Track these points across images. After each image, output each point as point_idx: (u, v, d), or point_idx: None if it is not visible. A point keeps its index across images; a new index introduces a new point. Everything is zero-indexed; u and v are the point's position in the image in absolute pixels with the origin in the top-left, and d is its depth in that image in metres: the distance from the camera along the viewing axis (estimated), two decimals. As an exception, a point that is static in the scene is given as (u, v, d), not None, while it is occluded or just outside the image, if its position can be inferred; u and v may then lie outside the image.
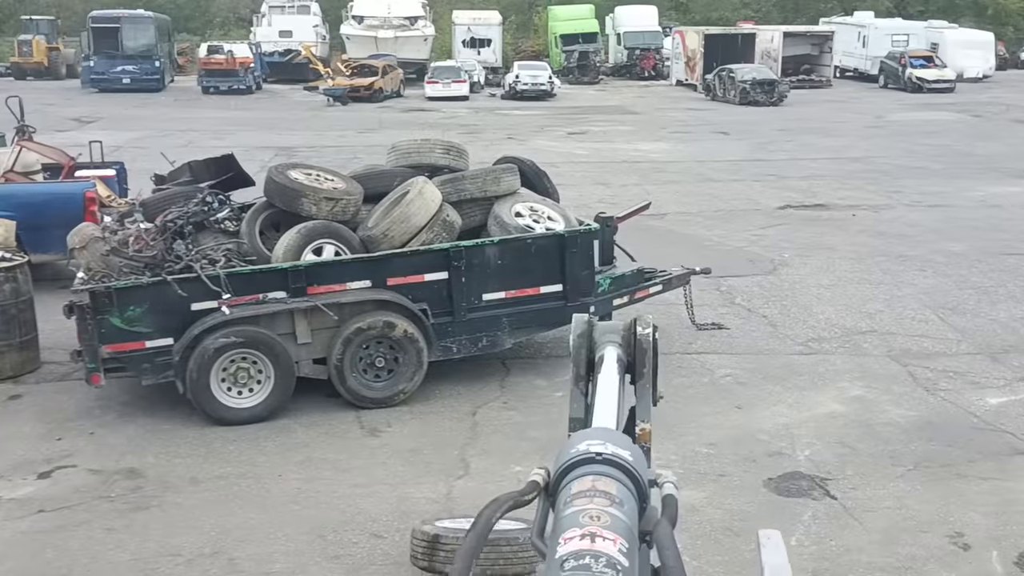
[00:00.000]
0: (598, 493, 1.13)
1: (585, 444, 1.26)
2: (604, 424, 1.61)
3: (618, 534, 1.05)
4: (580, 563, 1.00)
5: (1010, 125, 27.29)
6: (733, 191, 17.08)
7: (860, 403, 7.27)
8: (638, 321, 1.91)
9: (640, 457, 1.30)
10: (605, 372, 1.79)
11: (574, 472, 1.22)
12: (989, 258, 11.73)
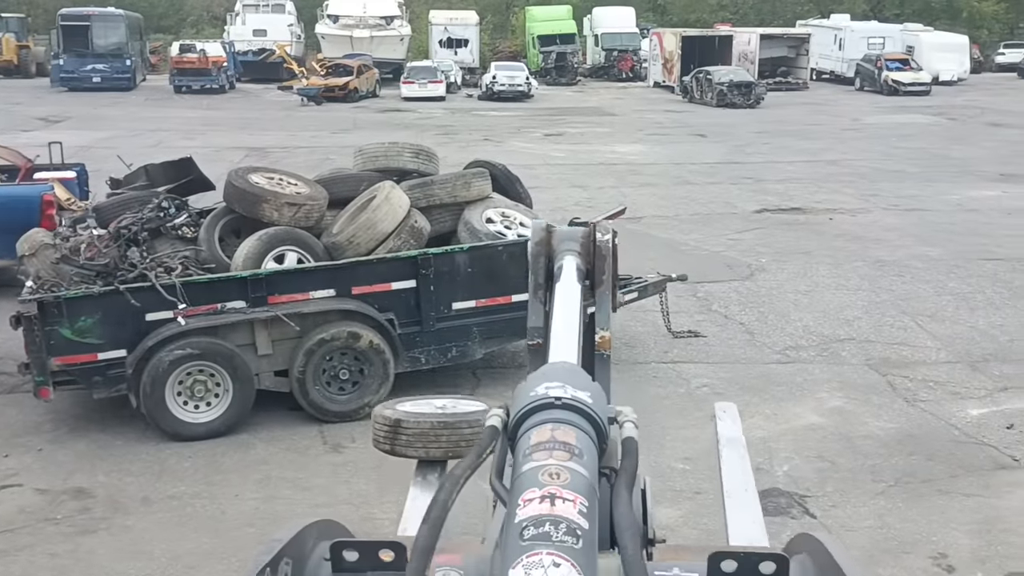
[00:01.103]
0: (557, 445, 1.10)
1: (544, 387, 1.22)
2: (563, 343, 1.55)
3: (578, 493, 1.03)
4: (540, 531, 0.97)
5: (985, 128, 27.34)
6: (710, 194, 16.92)
7: (839, 415, 7.09)
8: (597, 228, 1.87)
9: (600, 395, 1.26)
10: (564, 282, 1.75)
11: (533, 419, 1.18)
12: (967, 263, 11.61)
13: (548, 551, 0.95)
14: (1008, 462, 6.29)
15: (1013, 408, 7.18)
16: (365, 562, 1.27)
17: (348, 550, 1.27)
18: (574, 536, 0.97)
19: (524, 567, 0.95)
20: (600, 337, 1.76)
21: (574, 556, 0.95)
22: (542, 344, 1.70)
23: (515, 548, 0.97)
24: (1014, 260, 11.74)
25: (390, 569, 1.25)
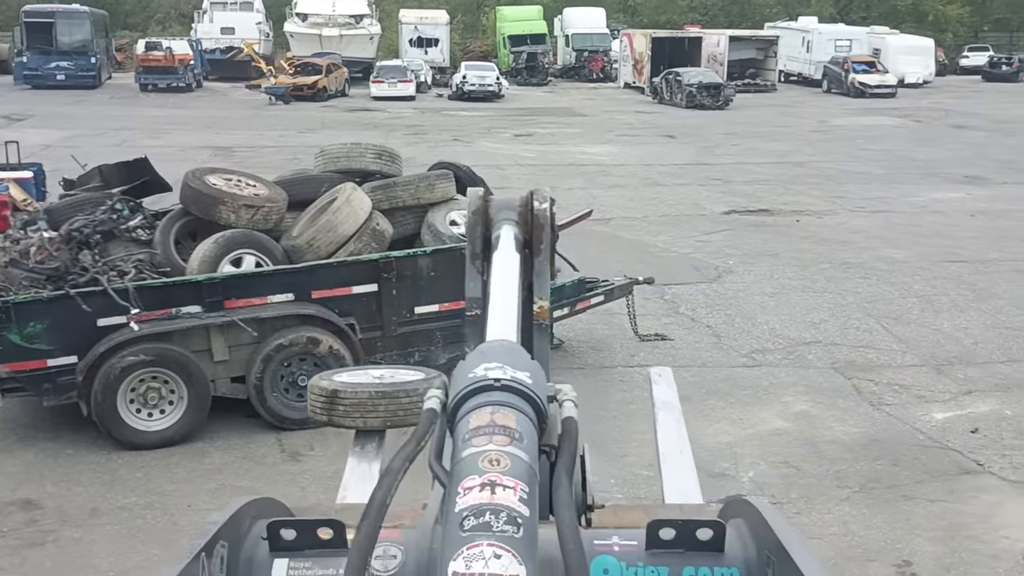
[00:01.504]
0: (497, 429, 1.09)
1: (482, 368, 1.21)
2: (501, 315, 1.55)
3: (518, 479, 1.02)
4: (480, 521, 0.97)
5: (949, 130, 27.62)
6: (679, 195, 16.92)
7: (805, 419, 7.05)
8: (535, 195, 1.86)
9: (539, 374, 1.25)
10: (501, 251, 1.75)
11: (472, 401, 1.17)
12: (932, 265, 11.66)
13: (489, 542, 0.94)
14: (972, 466, 6.27)
15: (977, 412, 7.18)
16: (303, 540, 1.24)
17: (285, 529, 1.24)
18: (515, 525, 0.96)
19: (465, 559, 0.93)
20: (538, 307, 1.75)
21: (515, 546, 0.94)
22: (480, 315, 1.68)
23: (455, 539, 0.96)
24: (977, 262, 11.81)
25: (329, 547, 1.23)
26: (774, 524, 1.18)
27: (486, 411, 1.12)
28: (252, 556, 1.25)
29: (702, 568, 1.20)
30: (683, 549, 1.22)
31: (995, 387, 7.72)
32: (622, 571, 1.21)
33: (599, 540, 1.25)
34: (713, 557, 1.21)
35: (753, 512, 1.26)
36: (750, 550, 1.22)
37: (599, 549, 1.23)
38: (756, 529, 1.23)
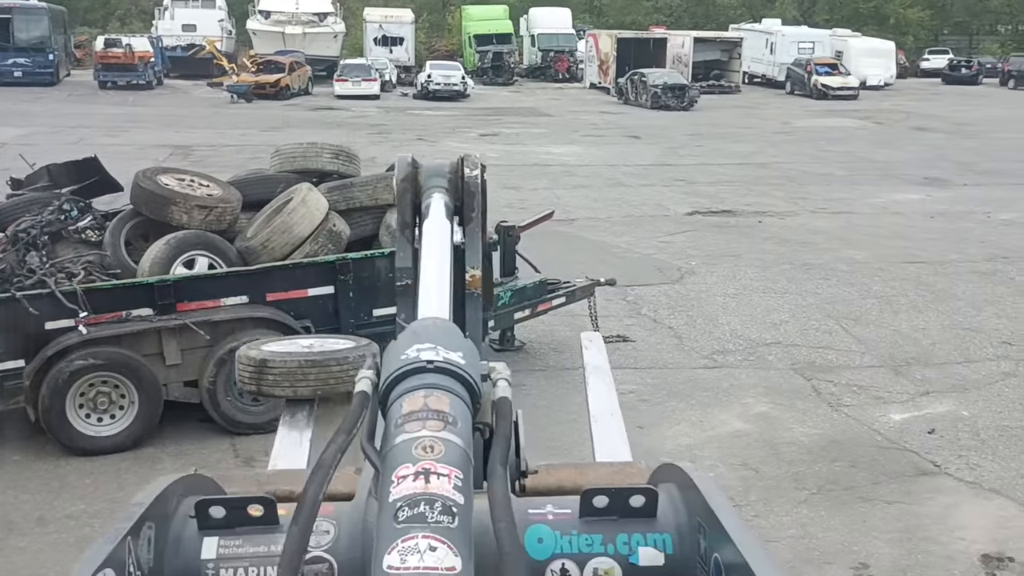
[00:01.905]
0: (431, 414, 1.08)
1: (415, 349, 1.19)
2: (433, 286, 1.53)
3: (453, 466, 1.01)
4: (415, 512, 0.95)
5: (910, 132, 27.97)
6: (643, 196, 16.94)
7: (764, 421, 7.05)
8: (465, 162, 1.82)
9: (472, 353, 1.24)
10: (432, 220, 1.72)
11: (404, 384, 1.15)
12: (891, 266, 11.75)
13: (424, 534, 0.93)
14: (929, 467, 6.30)
15: (935, 412, 7.22)
16: (233, 518, 1.22)
17: (214, 507, 1.21)
18: (450, 515, 0.95)
19: (400, 552, 0.91)
20: (470, 276, 1.74)
21: (450, 536, 0.93)
22: (412, 285, 1.67)
23: (390, 531, 0.94)
24: (936, 263, 11.93)
25: (260, 523, 1.21)
26: (704, 490, 1.20)
27: (419, 395, 1.10)
28: (180, 535, 1.22)
29: (635, 534, 1.22)
30: (616, 516, 1.23)
31: (952, 388, 7.78)
32: (556, 539, 1.22)
33: (533, 509, 1.25)
34: (646, 523, 1.23)
35: (684, 478, 1.28)
36: (681, 515, 1.24)
37: (533, 518, 1.24)
38: (687, 495, 1.25)
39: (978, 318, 9.65)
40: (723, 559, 1.12)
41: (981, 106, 36.51)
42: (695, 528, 1.21)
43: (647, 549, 1.22)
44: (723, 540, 1.12)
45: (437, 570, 0.89)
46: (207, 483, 1.38)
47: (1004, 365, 8.28)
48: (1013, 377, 7.97)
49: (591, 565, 1.21)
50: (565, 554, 1.21)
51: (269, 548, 1.19)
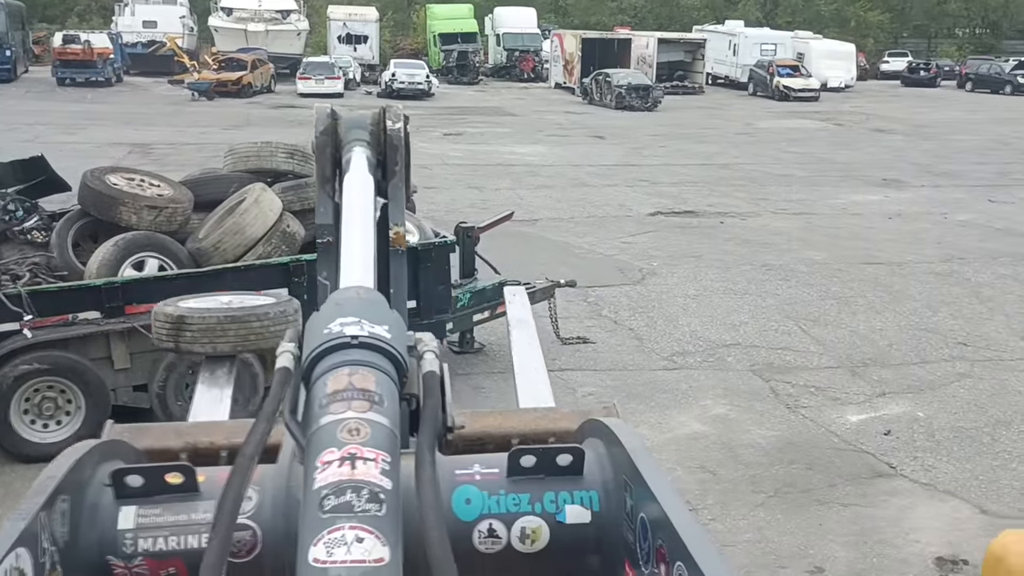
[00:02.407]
0: (356, 393, 1.04)
1: (338, 323, 1.14)
2: (356, 245, 1.48)
3: (380, 449, 0.98)
4: (341, 500, 0.92)
5: (869, 134, 28.29)
6: (606, 196, 16.95)
7: (723, 423, 7.04)
8: (388, 114, 1.76)
9: (398, 325, 1.20)
10: (353, 175, 1.66)
11: (327, 360, 1.10)
12: (850, 267, 11.84)
13: (351, 524, 0.89)
14: (885, 469, 6.33)
15: (891, 414, 7.26)
16: (152, 486, 1.17)
17: (131, 476, 1.17)
18: (377, 502, 0.92)
19: (326, 544, 0.88)
20: (394, 232, 1.69)
21: (378, 525, 0.91)
22: (333, 242, 1.62)
23: (315, 521, 0.91)
24: (894, 264, 12.04)
25: (180, 491, 1.17)
26: (630, 447, 1.21)
27: (343, 372, 1.06)
28: (96, 505, 1.17)
29: (562, 493, 1.23)
30: (543, 475, 1.24)
31: (908, 389, 7.83)
32: (484, 500, 1.22)
33: (460, 470, 1.24)
34: (572, 481, 1.24)
35: (610, 435, 1.28)
36: (607, 473, 1.25)
37: (461, 479, 1.23)
38: (614, 452, 1.25)
39: (934, 319, 9.75)
40: (648, 517, 1.12)
41: (939, 108, 37.06)
42: (621, 486, 1.21)
43: (574, 507, 1.22)
44: (648, 498, 1.12)
45: (364, 563, 0.87)
46: (123, 448, 1.33)
47: (959, 366, 8.36)
48: (968, 378, 8.04)
49: (518, 524, 1.22)
50: (493, 514, 1.22)
51: (190, 516, 1.16)
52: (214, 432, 1.51)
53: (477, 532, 1.21)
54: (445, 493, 1.18)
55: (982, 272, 11.68)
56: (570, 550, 1.24)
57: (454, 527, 1.18)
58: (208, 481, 1.19)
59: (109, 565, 1.15)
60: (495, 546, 1.22)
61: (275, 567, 1.14)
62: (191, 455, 1.47)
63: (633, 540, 1.18)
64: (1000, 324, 9.58)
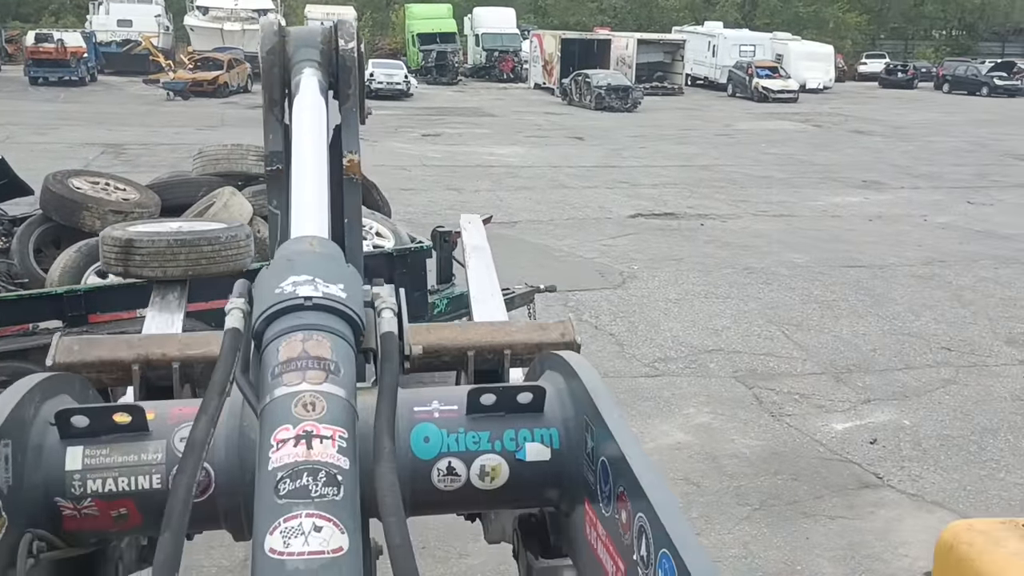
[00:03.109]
0: (311, 362, 0.99)
1: (291, 282, 1.09)
2: (307, 176, 1.41)
3: (336, 425, 0.93)
4: (297, 484, 0.87)
5: (848, 135, 28.33)
6: (586, 198, 16.80)
7: (706, 432, 6.89)
8: (339, 32, 1.68)
9: (353, 281, 1.15)
10: (304, 98, 1.58)
11: (280, 323, 1.06)
12: (831, 270, 11.75)
13: (308, 512, 0.87)
14: (872, 480, 6.20)
15: (876, 422, 7.14)
16: (99, 426, 1.14)
17: (77, 416, 1.13)
18: (335, 485, 0.90)
19: (283, 534, 0.85)
20: (348, 160, 1.64)
21: (336, 511, 0.88)
22: (284, 169, 1.57)
23: (271, 506, 0.87)
24: (875, 267, 11.96)
25: (128, 431, 1.15)
26: (592, 388, 1.19)
27: (296, 338, 1.03)
28: (41, 446, 1.13)
29: (522, 430, 1.22)
30: (503, 412, 1.22)
31: (893, 395, 7.72)
32: (443, 438, 1.21)
33: (419, 407, 1.22)
34: (533, 419, 1.23)
35: (569, 371, 1.26)
36: (568, 410, 1.23)
37: (419, 416, 1.22)
38: (574, 389, 1.24)
39: (917, 323, 9.66)
40: (610, 461, 1.10)
41: (917, 110, 37.23)
42: (582, 425, 1.20)
43: (534, 445, 1.21)
44: (609, 442, 1.10)
45: (323, 554, 0.83)
46: (68, 382, 1.27)
47: (944, 372, 8.26)
48: (953, 384, 7.94)
49: (478, 462, 1.21)
50: (452, 452, 1.20)
51: (140, 457, 1.13)
52: (167, 344, 1.51)
53: (436, 470, 1.20)
54: (404, 431, 1.18)
55: (963, 275, 11.62)
56: (530, 487, 1.23)
57: (412, 465, 1.19)
58: (158, 419, 1.16)
59: (58, 507, 1.12)
60: (454, 483, 1.20)
61: (229, 506, 1.13)
62: (143, 365, 1.49)
63: (594, 481, 1.16)
64: (983, 328, 9.50)
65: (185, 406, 1.19)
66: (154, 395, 1.56)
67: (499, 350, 1.63)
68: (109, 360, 1.45)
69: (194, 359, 1.53)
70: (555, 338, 1.73)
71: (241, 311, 1.12)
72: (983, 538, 2.32)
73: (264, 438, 0.94)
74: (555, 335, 1.73)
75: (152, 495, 1.12)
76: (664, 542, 0.94)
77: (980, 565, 2.22)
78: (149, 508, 1.13)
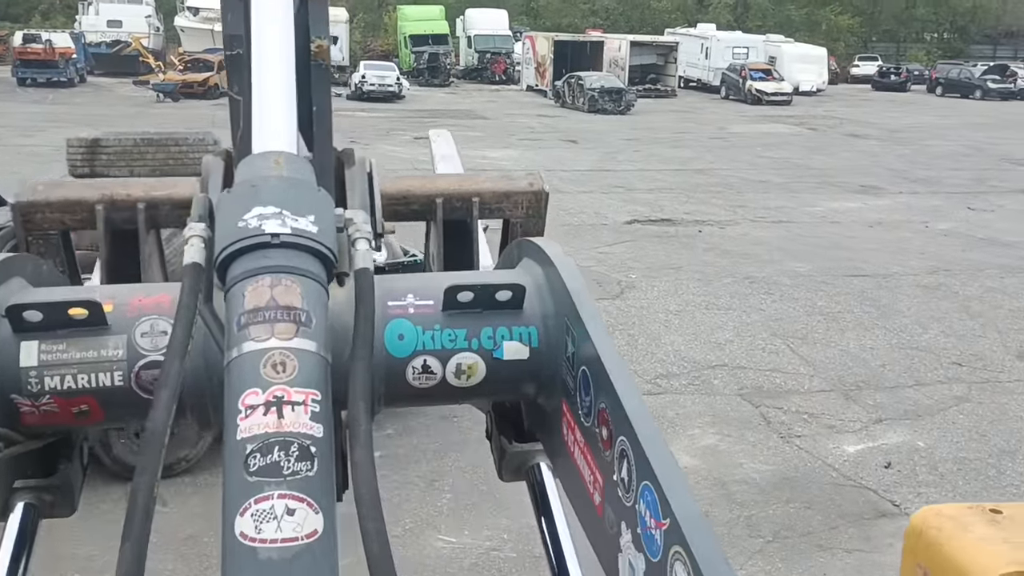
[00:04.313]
0: (280, 313, 0.93)
1: (256, 215, 1.00)
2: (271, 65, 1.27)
3: (309, 387, 0.89)
4: (268, 460, 0.83)
5: (844, 139, 28.12)
6: (581, 203, 16.51)
7: (713, 455, 6.59)
8: None
9: (325, 205, 1.06)
10: None
11: (244, 262, 0.97)
12: (834, 279, 11.48)
13: (280, 492, 0.82)
14: (888, 508, 5.90)
15: (889, 443, 6.85)
16: (54, 320, 1.10)
17: (30, 311, 1.09)
18: (308, 459, 0.84)
19: (253, 517, 0.80)
20: (316, 46, 1.51)
21: (309, 489, 0.83)
22: (244, 53, 1.44)
23: (241, 483, 0.82)
24: (879, 276, 11.69)
25: (85, 325, 1.10)
26: (572, 288, 1.17)
27: (264, 283, 0.97)
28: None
29: (500, 328, 1.19)
30: (481, 309, 1.19)
31: (905, 414, 7.44)
32: (418, 335, 1.17)
33: (393, 301, 1.19)
34: (511, 316, 1.20)
35: (546, 260, 1.24)
36: (548, 307, 1.21)
37: (393, 312, 1.18)
38: (554, 285, 1.21)
39: (925, 336, 9.38)
40: (592, 375, 1.08)
41: (911, 113, 37.09)
42: (562, 327, 1.18)
43: (512, 343, 1.19)
44: (590, 350, 1.08)
45: (297, 541, 0.80)
46: (24, 264, 1.20)
47: (956, 388, 7.98)
48: (966, 402, 7.66)
49: (454, 360, 1.18)
50: (427, 351, 1.17)
51: (99, 353, 1.10)
52: (131, 186, 1.47)
53: (411, 368, 1.17)
54: (378, 328, 1.13)
55: (969, 285, 11.36)
56: (507, 385, 1.21)
57: (387, 363, 1.16)
58: (117, 311, 1.11)
59: (14, 404, 1.10)
60: (429, 381, 1.18)
61: (194, 404, 1.10)
62: (107, 206, 1.47)
63: (573, 387, 1.14)
64: (993, 342, 9.23)
65: (145, 295, 1.15)
66: (118, 241, 1.57)
67: (467, 198, 1.63)
68: (74, 200, 1.41)
69: (159, 200, 1.51)
70: (523, 187, 1.79)
71: (202, 240, 1.04)
72: (952, 523, 2.27)
73: (231, 399, 0.89)
74: (523, 184, 1.81)
75: (114, 392, 1.08)
76: (647, 474, 0.92)
77: (949, 550, 2.18)
78: (112, 403, 1.10)
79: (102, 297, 1.11)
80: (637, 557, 0.96)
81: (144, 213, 1.45)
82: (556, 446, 1.22)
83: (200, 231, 1.04)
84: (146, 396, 1.05)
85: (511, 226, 2.02)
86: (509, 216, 1.94)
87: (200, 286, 1.00)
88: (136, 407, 1.07)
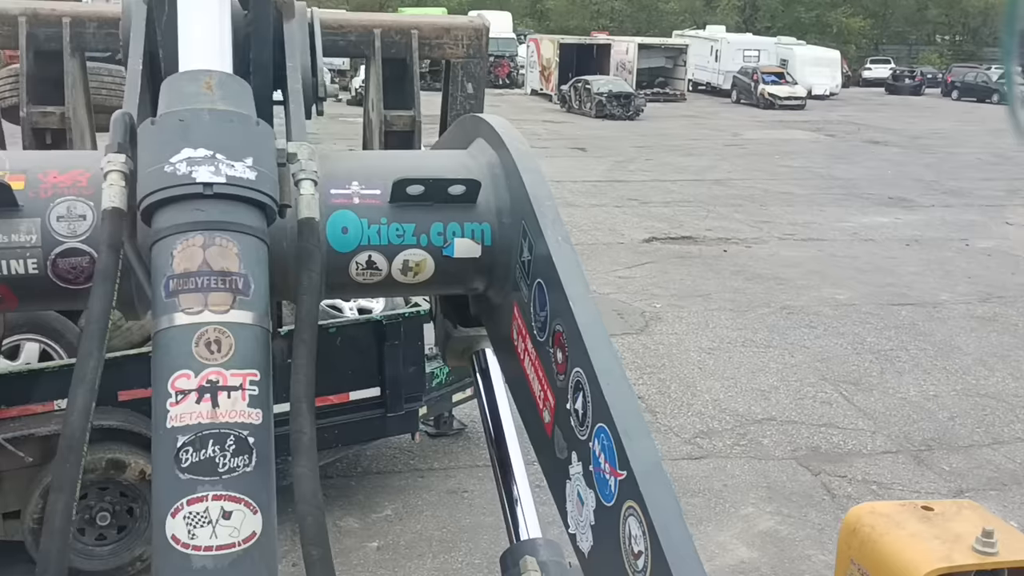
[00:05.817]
0: (213, 279, 0.84)
1: (184, 158, 0.89)
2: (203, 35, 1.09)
3: (246, 368, 0.82)
4: (202, 457, 0.77)
5: (864, 146, 27.06)
6: (594, 218, 15.48)
7: (774, 544, 5.54)
8: None
9: (263, 144, 0.95)
10: None
11: (172, 212, 0.87)
12: (880, 309, 10.43)
13: (215, 493, 0.77)
14: (996, 621, 4.85)
15: (980, 527, 5.79)
16: None
17: None
18: (245, 453, 0.80)
19: (187, 520, 0.76)
20: None
21: (247, 488, 0.79)
22: None
23: (172, 480, 0.77)
24: (928, 305, 10.64)
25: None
26: (529, 181, 1.09)
27: (195, 243, 0.87)
28: None
29: (452, 224, 1.14)
30: (431, 203, 1.13)
31: (988, 483, 6.39)
32: (363, 229, 1.11)
33: (336, 189, 1.11)
34: (463, 211, 1.14)
35: (499, 143, 1.16)
36: (503, 201, 1.14)
37: (337, 202, 1.11)
38: (512, 180, 1.14)
39: (992, 380, 8.33)
40: (547, 287, 1.02)
41: (929, 118, 36.04)
42: (519, 229, 1.11)
43: (463, 240, 1.14)
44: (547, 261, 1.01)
45: (233, 547, 0.76)
46: None
47: (1042, 449, 6.94)
48: (1059, 468, 6.62)
49: (401, 257, 1.13)
50: (372, 246, 1.12)
51: (10, 239, 1.03)
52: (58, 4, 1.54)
53: (355, 263, 1.12)
54: (320, 219, 1.04)
55: (1029, 315, 10.31)
56: (455, 282, 1.17)
57: (328, 259, 1.09)
58: (29, 191, 1.04)
59: None
60: (374, 277, 1.14)
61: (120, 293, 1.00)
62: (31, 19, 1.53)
63: (527, 297, 1.09)
64: (1072, 387, 8.19)
65: (59, 172, 1.06)
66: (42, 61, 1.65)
67: (406, 30, 1.74)
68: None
69: (85, 16, 1.55)
70: (463, 22, 1.93)
71: (123, 176, 0.92)
72: (884, 520, 2.40)
73: (160, 378, 0.82)
74: (463, 19, 1.95)
75: (29, 279, 1.02)
76: (603, 416, 0.87)
77: (882, 546, 2.28)
78: (27, 292, 1.04)
79: (11, 170, 1.02)
80: (588, 493, 0.92)
81: (70, 30, 1.43)
82: (502, 342, 1.16)
83: (120, 165, 0.94)
84: (63, 285, 1.00)
85: (452, 68, 1.89)
86: (450, 55, 1.87)
87: (121, 239, 0.90)
88: (53, 295, 1.00)
